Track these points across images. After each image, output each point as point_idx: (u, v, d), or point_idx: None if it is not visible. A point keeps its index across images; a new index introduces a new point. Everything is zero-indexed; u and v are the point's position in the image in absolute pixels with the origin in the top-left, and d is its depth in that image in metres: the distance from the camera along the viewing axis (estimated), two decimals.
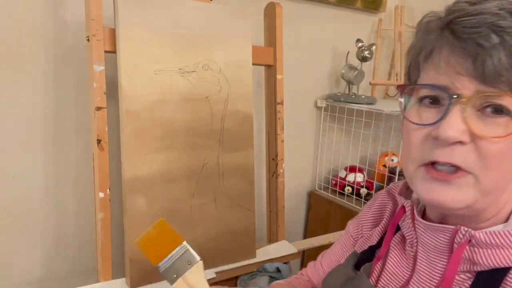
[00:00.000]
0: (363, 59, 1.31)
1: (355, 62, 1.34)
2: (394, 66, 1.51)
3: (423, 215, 0.53)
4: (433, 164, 0.44)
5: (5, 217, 0.94)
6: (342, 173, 1.42)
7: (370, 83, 1.47)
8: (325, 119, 1.44)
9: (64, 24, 0.94)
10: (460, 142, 0.42)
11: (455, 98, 0.42)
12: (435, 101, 0.45)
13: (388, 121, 1.48)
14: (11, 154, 0.92)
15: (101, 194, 0.84)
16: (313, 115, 1.45)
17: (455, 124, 0.41)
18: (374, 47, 1.31)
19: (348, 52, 1.38)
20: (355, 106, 1.32)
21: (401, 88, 0.49)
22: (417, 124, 0.46)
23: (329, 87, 1.46)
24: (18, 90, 0.91)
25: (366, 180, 1.38)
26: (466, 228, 0.45)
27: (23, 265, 0.98)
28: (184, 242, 0.54)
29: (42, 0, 0.90)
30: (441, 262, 0.48)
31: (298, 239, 1.46)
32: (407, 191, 0.59)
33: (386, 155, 1.44)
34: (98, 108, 0.83)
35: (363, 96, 1.33)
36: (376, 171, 1.38)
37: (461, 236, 0.45)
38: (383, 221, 0.60)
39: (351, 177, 1.39)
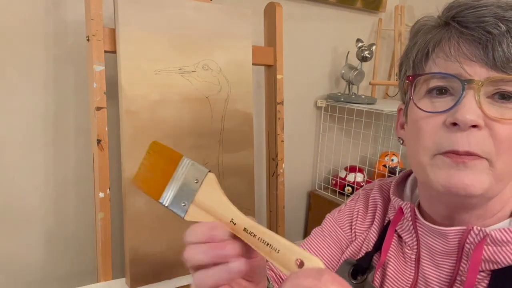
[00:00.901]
0: (363, 59, 1.31)
1: (355, 62, 1.34)
2: (394, 66, 1.51)
3: (422, 216, 0.52)
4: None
5: (5, 217, 0.94)
6: (342, 173, 1.42)
7: (370, 83, 1.47)
8: (325, 119, 1.44)
9: (64, 24, 0.93)
10: (476, 127, 0.42)
11: (468, 84, 0.43)
12: (442, 92, 0.46)
13: (388, 121, 1.48)
14: (11, 154, 0.92)
15: (101, 194, 0.84)
16: (313, 115, 1.45)
17: (472, 107, 0.42)
18: (374, 47, 1.31)
19: (348, 52, 1.38)
20: (355, 106, 1.32)
21: (411, 79, 0.49)
22: (431, 112, 0.46)
23: (329, 87, 1.46)
24: (18, 90, 0.91)
25: (366, 180, 1.38)
26: (478, 228, 0.45)
27: (23, 265, 0.98)
28: (184, 158, 0.43)
29: (42, 0, 0.90)
30: (450, 263, 0.48)
31: (298, 239, 1.46)
32: (398, 190, 0.58)
33: (386, 155, 1.44)
34: (98, 108, 0.83)
35: (363, 96, 1.33)
36: (376, 171, 1.38)
37: (473, 236, 0.45)
38: (375, 221, 0.58)
39: (351, 177, 1.39)
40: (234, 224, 0.40)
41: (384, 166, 1.41)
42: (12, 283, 0.97)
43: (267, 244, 0.38)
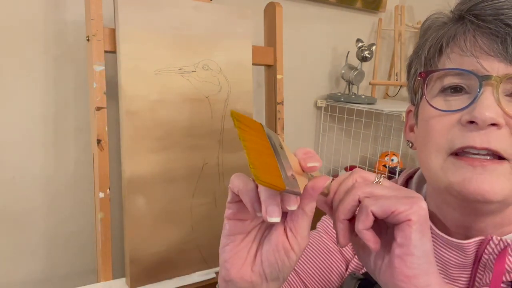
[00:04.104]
0: (363, 59, 1.31)
1: (355, 62, 1.34)
2: (394, 66, 1.51)
3: (432, 221, 0.47)
4: (463, 152, 0.41)
5: (5, 217, 0.93)
6: (342, 173, 1.41)
7: (370, 83, 1.47)
8: (325, 119, 1.44)
9: (64, 24, 0.93)
10: (496, 125, 0.39)
11: (485, 80, 0.40)
12: (457, 90, 0.43)
13: (388, 121, 1.48)
14: (11, 154, 0.92)
15: (101, 194, 0.84)
16: (313, 115, 1.45)
17: (492, 105, 0.39)
18: (374, 47, 1.31)
19: (348, 52, 1.38)
20: (355, 106, 1.32)
21: (424, 76, 0.45)
22: (445, 111, 0.42)
23: (329, 87, 1.46)
24: (18, 90, 0.91)
25: None
26: (498, 238, 0.42)
27: (23, 265, 0.98)
28: (263, 125, 0.35)
29: (42, 0, 0.90)
30: (465, 276, 0.44)
31: None
32: None
33: (386, 155, 1.44)
34: (98, 108, 0.83)
35: (363, 96, 1.33)
36: (376, 171, 1.38)
37: (493, 246, 0.42)
38: None
39: None
40: None
41: (384, 166, 1.41)
42: (12, 283, 0.97)
43: None
